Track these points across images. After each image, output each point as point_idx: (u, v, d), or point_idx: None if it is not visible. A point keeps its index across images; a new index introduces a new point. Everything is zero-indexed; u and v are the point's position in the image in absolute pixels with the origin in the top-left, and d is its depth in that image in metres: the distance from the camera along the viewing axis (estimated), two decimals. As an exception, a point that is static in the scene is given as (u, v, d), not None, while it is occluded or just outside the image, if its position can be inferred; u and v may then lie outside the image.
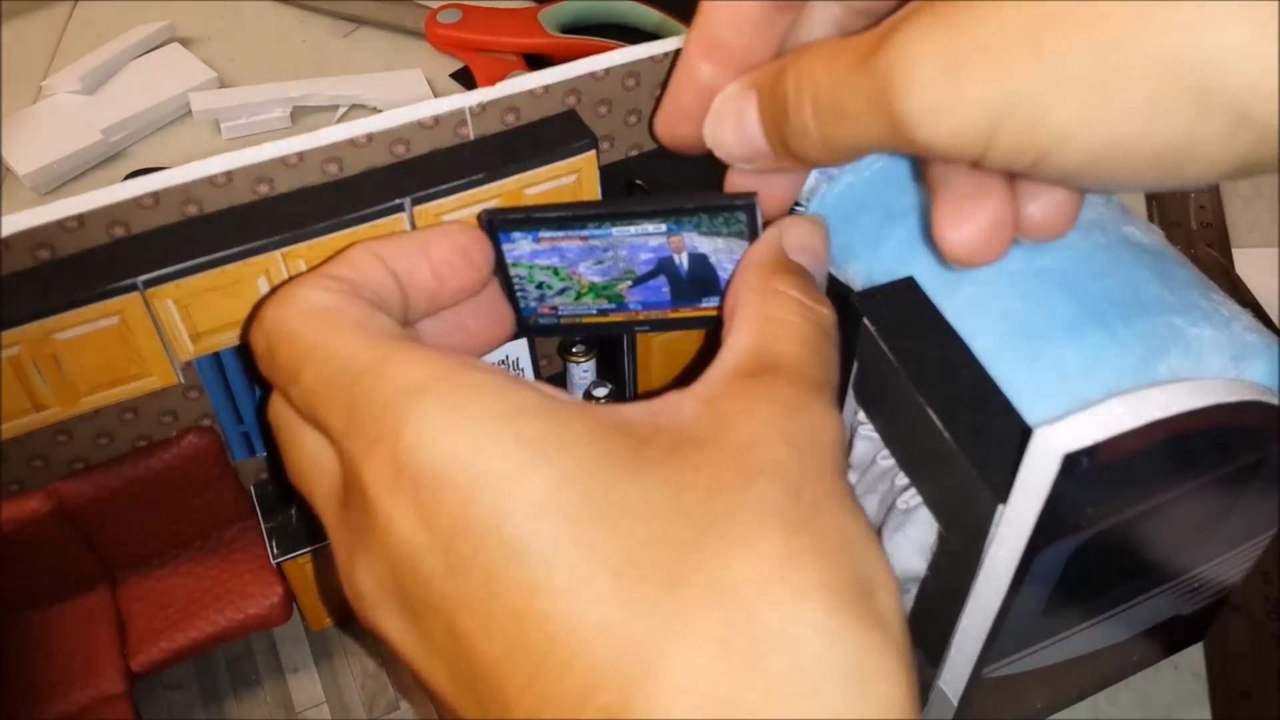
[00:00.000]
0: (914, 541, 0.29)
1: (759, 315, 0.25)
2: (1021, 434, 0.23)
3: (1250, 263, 0.52)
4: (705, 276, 0.29)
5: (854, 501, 0.21)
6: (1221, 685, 0.37)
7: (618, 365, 0.37)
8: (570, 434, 0.20)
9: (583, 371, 0.37)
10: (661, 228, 0.28)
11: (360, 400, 0.21)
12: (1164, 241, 0.29)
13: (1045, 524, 0.23)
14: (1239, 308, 0.28)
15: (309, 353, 0.23)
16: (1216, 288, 0.28)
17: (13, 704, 0.33)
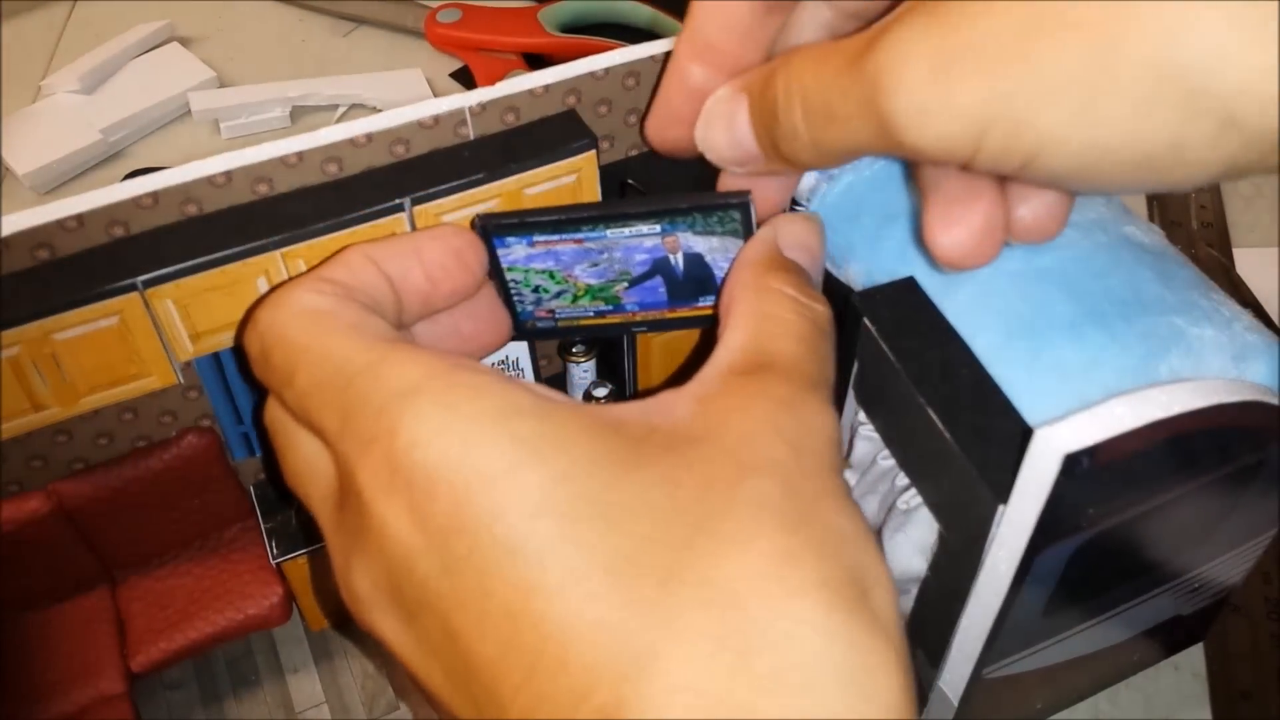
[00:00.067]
0: (914, 542, 0.29)
1: (754, 313, 0.25)
2: (1022, 434, 0.23)
3: (1251, 263, 0.51)
4: (701, 276, 0.29)
5: (850, 500, 0.21)
6: (1222, 685, 0.37)
7: (618, 365, 0.37)
8: (564, 433, 0.20)
9: (583, 372, 0.37)
10: (656, 228, 0.27)
11: (355, 402, 0.21)
12: (1165, 241, 0.29)
13: (1046, 524, 0.23)
14: (1240, 308, 0.27)
15: (303, 355, 0.23)
16: (1217, 288, 0.28)
17: (13, 704, 0.33)
